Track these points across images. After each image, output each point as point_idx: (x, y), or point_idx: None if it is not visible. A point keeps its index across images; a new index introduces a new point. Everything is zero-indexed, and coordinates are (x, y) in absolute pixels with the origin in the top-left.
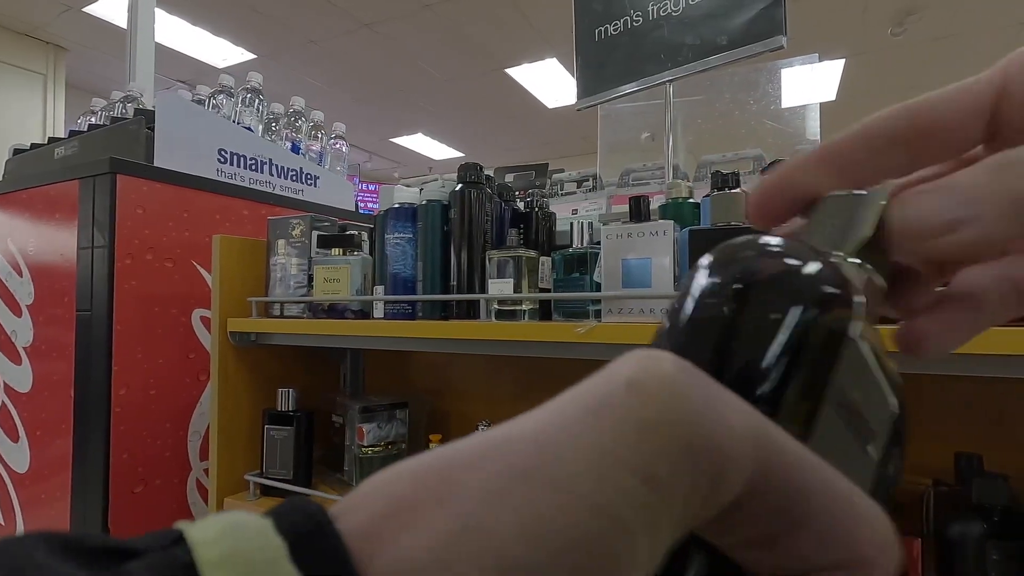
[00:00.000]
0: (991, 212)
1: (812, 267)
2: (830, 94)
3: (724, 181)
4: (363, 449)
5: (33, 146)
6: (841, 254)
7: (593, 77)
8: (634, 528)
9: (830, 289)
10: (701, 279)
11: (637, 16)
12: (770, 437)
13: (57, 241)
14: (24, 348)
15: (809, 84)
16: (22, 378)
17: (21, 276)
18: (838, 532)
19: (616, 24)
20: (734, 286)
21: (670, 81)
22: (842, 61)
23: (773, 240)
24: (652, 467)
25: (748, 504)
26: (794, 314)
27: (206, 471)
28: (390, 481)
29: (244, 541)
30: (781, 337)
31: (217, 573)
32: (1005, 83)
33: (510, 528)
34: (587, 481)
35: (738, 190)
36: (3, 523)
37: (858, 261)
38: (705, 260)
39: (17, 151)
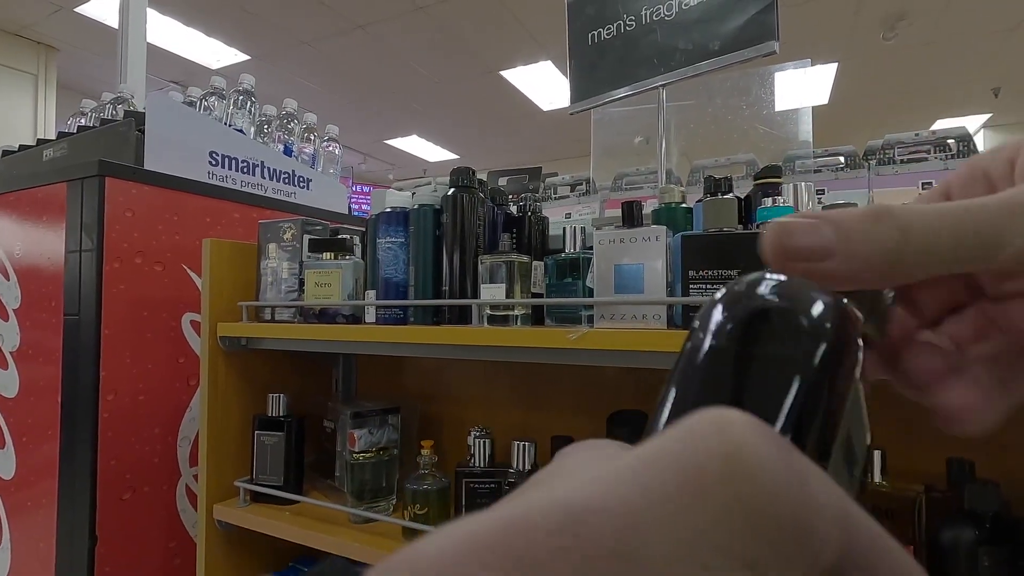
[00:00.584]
0: (852, 250)
1: (838, 312)
2: (823, 98)
3: (717, 186)
4: (355, 455)
5: (21, 147)
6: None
7: (586, 81)
8: None
9: (857, 338)
10: (730, 322)
11: (630, 20)
12: (852, 517)
13: (45, 244)
14: (11, 353)
15: (802, 88)
16: (8, 383)
17: (8, 279)
18: None
19: (609, 28)
20: (768, 328)
21: (663, 85)
22: (835, 65)
23: (795, 283)
24: (756, 553)
25: None
26: (832, 360)
27: (196, 477)
28: (438, 566)
29: None
30: (822, 384)
31: None
32: (948, 190)
33: None
34: (683, 567)
35: (731, 195)
36: None
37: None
38: (731, 298)
39: (6, 152)
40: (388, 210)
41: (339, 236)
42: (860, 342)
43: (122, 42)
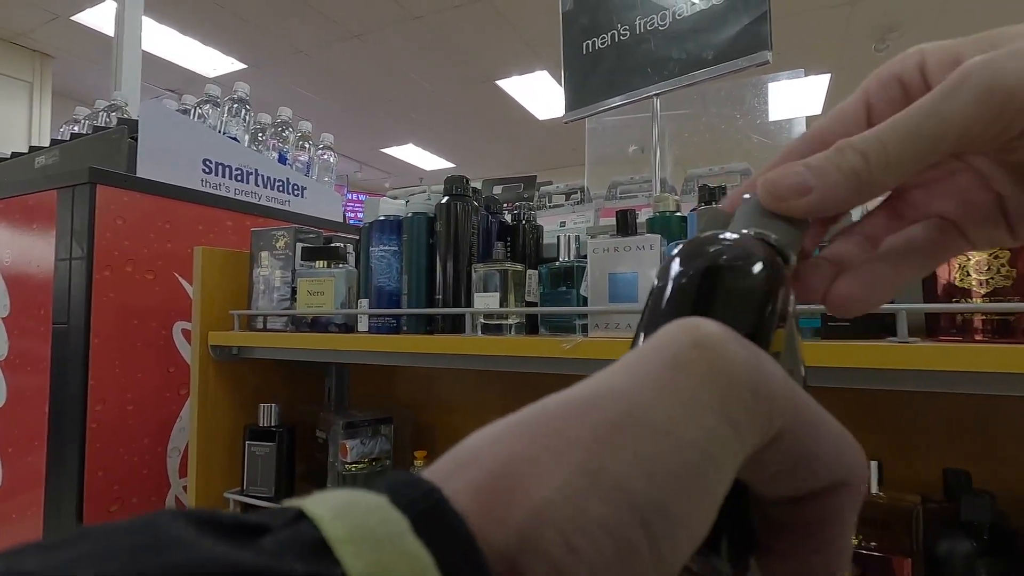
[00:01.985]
0: (826, 182)
1: (764, 249)
2: (816, 108)
3: (711, 195)
4: (347, 466)
5: (14, 155)
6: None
7: (580, 90)
8: (722, 461)
9: (780, 269)
10: (680, 264)
11: (624, 30)
12: (798, 394)
13: (34, 252)
14: None
15: (795, 98)
16: None
17: None
18: (839, 458)
19: (603, 38)
20: (708, 265)
21: (657, 95)
22: (827, 76)
23: (726, 234)
24: (731, 410)
25: (781, 442)
26: (760, 274)
27: (185, 488)
28: (494, 441)
29: (364, 517)
30: (758, 291)
31: (346, 548)
32: (867, 99)
33: (628, 468)
34: (684, 424)
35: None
36: None
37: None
38: (681, 251)
39: None
40: (381, 218)
41: (332, 244)
42: (783, 272)
43: (117, 50)
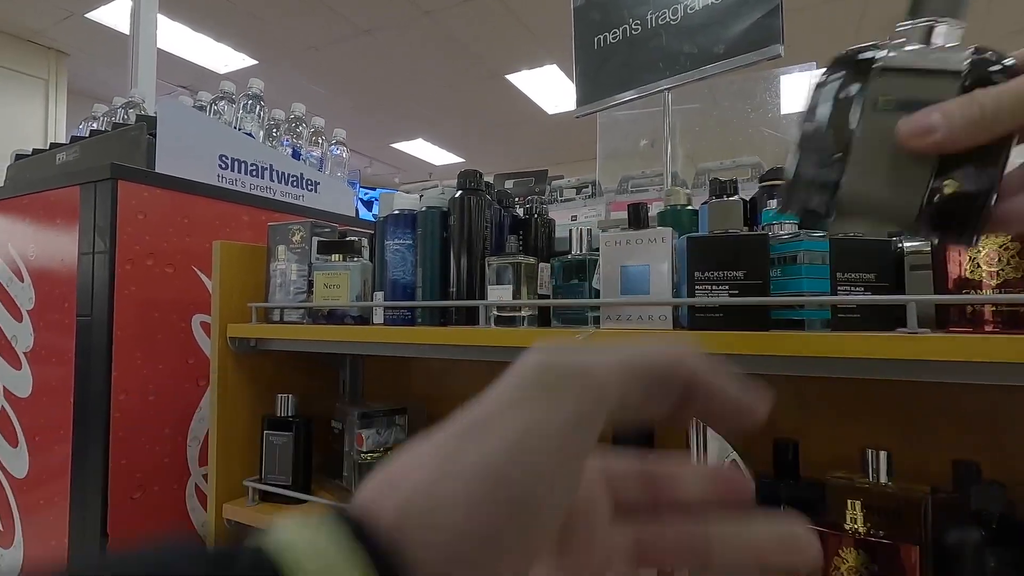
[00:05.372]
0: (951, 124)
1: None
2: None
3: (723, 188)
4: (362, 455)
5: (35, 151)
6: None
7: (592, 85)
8: (554, 432)
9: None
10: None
11: (636, 25)
12: (689, 359)
13: (58, 246)
14: (24, 353)
15: (807, 92)
16: (22, 383)
17: (22, 281)
18: (668, 365)
19: (615, 32)
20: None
21: (668, 89)
22: None
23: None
24: (547, 381)
25: (628, 396)
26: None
27: (205, 477)
28: (397, 462)
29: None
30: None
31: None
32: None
33: (474, 457)
34: (511, 394)
35: (736, 198)
36: (2, 527)
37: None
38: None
39: (19, 156)
40: (396, 212)
41: (347, 238)
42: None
43: (132, 47)
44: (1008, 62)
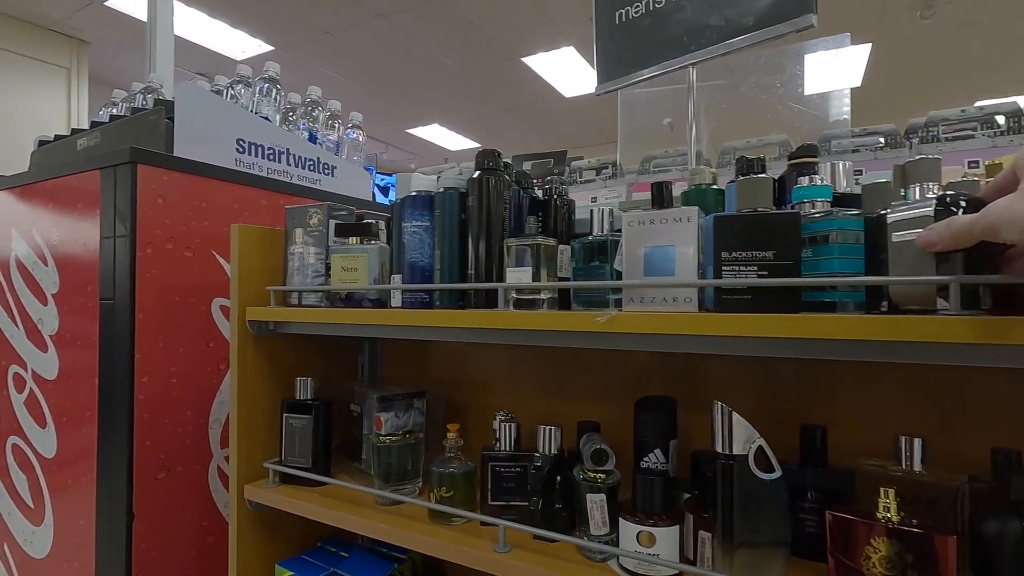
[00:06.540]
0: (943, 238)
1: None
2: (856, 79)
3: (750, 166)
4: (381, 438)
5: (57, 137)
6: None
7: (613, 61)
8: None
9: None
10: None
11: None
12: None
13: (80, 230)
14: (50, 336)
15: (834, 69)
16: (49, 365)
17: (47, 265)
18: None
19: (637, 6)
20: None
21: (693, 64)
22: (868, 46)
23: None
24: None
25: None
26: None
27: (227, 458)
28: None
29: None
30: None
31: None
32: (1005, 181)
33: None
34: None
35: (764, 175)
36: (33, 505)
37: None
38: None
39: (42, 142)
40: (414, 194)
41: (365, 221)
42: None
43: (150, 33)
44: (962, 202)
